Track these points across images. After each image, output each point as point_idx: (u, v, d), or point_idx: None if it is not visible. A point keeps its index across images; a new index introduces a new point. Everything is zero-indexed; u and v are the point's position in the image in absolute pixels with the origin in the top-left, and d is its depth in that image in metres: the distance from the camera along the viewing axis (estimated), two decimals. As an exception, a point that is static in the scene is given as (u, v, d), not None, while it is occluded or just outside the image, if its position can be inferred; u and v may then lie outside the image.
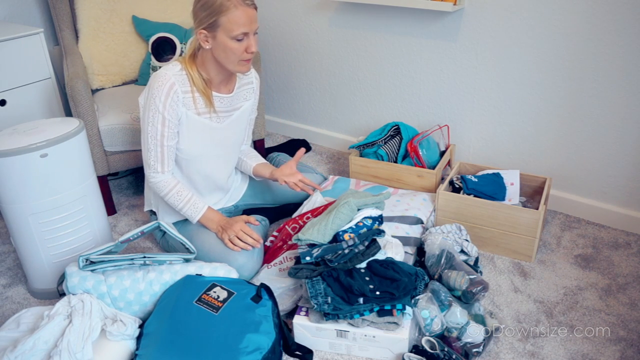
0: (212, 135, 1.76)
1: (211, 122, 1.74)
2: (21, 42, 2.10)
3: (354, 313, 1.48)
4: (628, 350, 1.54)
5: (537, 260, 1.91)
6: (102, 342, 1.42)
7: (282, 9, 2.64)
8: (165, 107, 1.61)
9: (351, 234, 1.63)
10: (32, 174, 1.57)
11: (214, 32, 1.56)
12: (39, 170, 1.57)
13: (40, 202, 1.61)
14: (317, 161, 2.65)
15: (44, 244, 1.67)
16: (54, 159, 1.59)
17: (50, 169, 1.59)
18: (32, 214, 1.61)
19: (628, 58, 1.85)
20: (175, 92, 1.61)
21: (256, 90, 1.89)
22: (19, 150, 1.53)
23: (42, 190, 1.60)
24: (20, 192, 1.58)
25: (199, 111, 1.69)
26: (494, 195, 1.94)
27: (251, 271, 1.72)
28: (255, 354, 1.37)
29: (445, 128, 2.33)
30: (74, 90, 2.03)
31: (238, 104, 1.81)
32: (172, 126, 1.66)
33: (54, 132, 1.62)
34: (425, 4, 2.05)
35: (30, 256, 1.69)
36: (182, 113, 1.67)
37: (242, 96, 1.83)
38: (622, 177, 2.02)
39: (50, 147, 1.57)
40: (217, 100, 1.73)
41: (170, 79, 1.61)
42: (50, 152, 1.57)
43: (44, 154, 1.56)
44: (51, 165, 1.59)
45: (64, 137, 1.60)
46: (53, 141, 1.58)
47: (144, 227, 1.64)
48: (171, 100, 1.62)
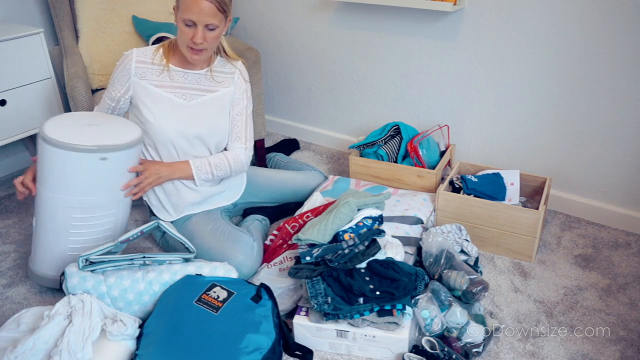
0: (180, 112, 1.76)
1: (174, 96, 1.75)
2: (21, 42, 2.10)
3: (354, 313, 1.48)
4: (628, 350, 1.54)
5: (537, 260, 1.91)
6: (102, 342, 1.42)
7: (282, 9, 2.64)
8: (116, 70, 1.75)
9: (351, 234, 1.63)
10: (85, 172, 1.55)
11: (177, 10, 1.65)
12: (93, 170, 1.55)
13: (81, 199, 1.58)
14: (317, 161, 2.65)
15: (67, 236, 1.64)
16: (110, 164, 1.57)
17: (104, 172, 1.57)
18: (68, 207, 1.59)
19: (628, 58, 1.85)
20: (129, 60, 1.72)
21: (237, 83, 1.84)
22: (83, 148, 1.51)
23: (88, 189, 1.58)
24: (66, 185, 1.56)
25: (155, 83, 1.74)
26: (494, 195, 1.94)
27: (250, 269, 1.73)
28: (255, 354, 1.37)
29: (445, 128, 2.33)
30: (74, 90, 2.03)
31: (211, 87, 1.81)
32: (116, 89, 1.75)
33: (120, 136, 1.60)
34: (425, 4, 2.05)
35: (49, 242, 1.67)
36: (134, 83, 1.73)
37: (218, 80, 1.82)
38: (622, 177, 2.02)
39: (112, 153, 1.55)
40: (180, 75, 1.77)
41: (132, 52, 1.74)
42: (111, 157, 1.56)
43: (104, 157, 1.54)
44: (106, 168, 1.57)
45: (126, 145, 1.58)
46: (116, 147, 1.56)
47: (143, 227, 1.64)
48: (122, 67, 1.73)
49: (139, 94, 1.74)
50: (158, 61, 1.75)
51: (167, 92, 1.75)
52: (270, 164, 2.46)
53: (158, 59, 1.75)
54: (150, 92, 1.74)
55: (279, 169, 2.35)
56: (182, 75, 1.77)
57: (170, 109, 1.75)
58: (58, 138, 1.52)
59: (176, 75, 1.76)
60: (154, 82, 1.74)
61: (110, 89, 1.77)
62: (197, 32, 1.62)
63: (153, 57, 1.75)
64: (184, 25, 1.63)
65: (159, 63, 1.75)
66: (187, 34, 1.63)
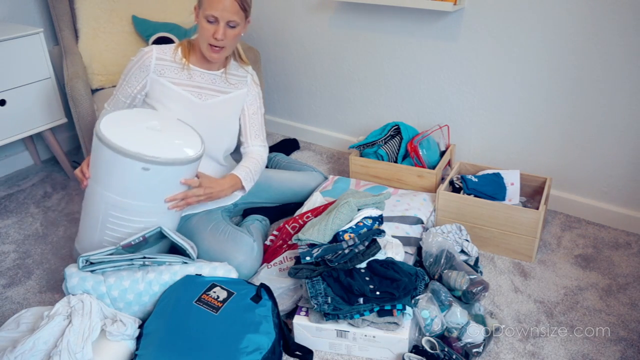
0: (194, 111, 1.77)
1: (191, 95, 1.76)
2: (21, 42, 2.10)
3: (354, 313, 1.48)
4: (628, 351, 1.54)
5: (537, 260, 1.91)
6: (102, 342, 1.42)
7: (282, 9, 2.64)
8: (132, 66, 1.74)
9: (351, 234, 1.62)
10: (127, 177, 1.52)
11: (200, 8, 1.67)
12: (135, 177, 1.52)
13: (121, 200, 1.56)
14: (317, 161, 2.65)
15: (104, 229, 1.62)
16: (154, 175, 1.52)
17: (146, 181, 1.53)
18: (108, 203, 1.57)
19: (628, 58, 1.85)
20: (149, 57, 1.72)
21: (250, 86, 1.89)
22: (127, 153, 1.48)
23: (128, 193, 1.55)
24: (109, 182, 1.54)
25: (174, 81, 1.74)
26: (494, 195, 1.94)
27: (250, 269, 1.72)
28: (255, 354, 1.36)
29: (445, 128, 2.33)
30: (74, 90, 2.03)
31: (226, 89, 1.83)
32: (131, 85, 1.75)
33: (174, 149, 1.54)
34: (425, 4, 2.05)
35: (89, 227, 1.66)
36: (153, 79, 1.73)
37: (231, 83, 1.85)
38: (622, 177, 2.02)
39: (155, 165, 1.50)
40: (198, 75, 1.78)
41: (152, 48, 1.74)
42: (154, 169, 1.51)
43: (146, 168, 1.50)
44: (148, 178, 1.53)
45: (174, 161, 1.52)
46: (161, 161, 1.50)
47: (145, 231, 1.63)
48: (141, 63, 1.73)
49: (155, 90, 1.74)
50: (178, 59, 1.76)
51: (185, 90, 1.76)
52: (270, 164, 2.46)
53: (178, 57, 1.76)
54: (169, 89, 1.74)
55: (280, 169, 2.35)
56: (200, 75, 1.78)
57: (187, 108, 1.76)
58: (108, 135, 1.50)
59: (194, 74, 1.78)
60: (172, 80, 1.75)
61: (124, 86, 1.76)
62: (218, 28, 1.64)
63: (174, 55, 1.76)
64: (205, 22, 1.65)
65: (179, 61, 1.76)
66: (209, 30, 1.65)
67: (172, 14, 2.46)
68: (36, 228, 2.16)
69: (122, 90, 1.77)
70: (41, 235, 2.12)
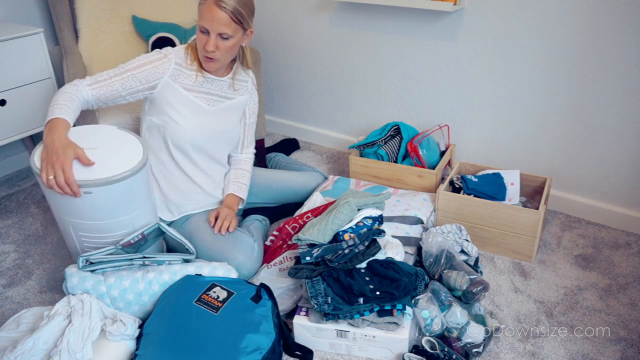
0: (204, 119, 1.77)
1: (201, 102, 1.76)
2: (21, 42, 2.10)
3: (354, 313, 1.48)
4: (628, 351, 1.54)
5: (537, 260, 1.91)
6: (102, 342, 1.42)
7: (282, 9, 2.64)
8: (147, 64, 1.68)
9: (351, 234, 1.62)
10: (77, 202, 1.48)
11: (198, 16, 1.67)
12: (83, 201, 1.49)
13: (81, 222, 1.54)
14: (317, 161, 2.65)
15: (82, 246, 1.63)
16: (99, 195, 1.48)
17: (97, 203, 1.50)
18: (75, 227, 1.56)
19: (628, 58, 1.85)
20: (169, 61, 1.70)
21: (251, 91, 1.91)
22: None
23: (85, 215, 1.52)
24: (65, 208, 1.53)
25: (186, 87, 1.74)
26: (494, 195, 1.94)
27: (250, 270, 1.72)
28: (255, 354, 1.36)
29: (445, 128, 2.33)
30: (74, 90, 2.02)
31: (230, 94, 1.84)
32: (139, 82, 1.67)
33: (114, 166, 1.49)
34: (425, 4, 2.05)
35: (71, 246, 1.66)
36: (166, 83, 1.71)
37: (235, 88, 1.85)
38: (622, 177, 2.02)
39: (95, 187, 1.46)
40: (209, 81, 1.78)
41: (171, 51, 1.73)
42: (95, 190, 1.47)
43: (89, 191, 1.47)
44: (90, 202, 1.50)
45: (108, 180, 1.46)
46: (98, 182, 1.46)
47: (144, 229, 1.63)
48: (159, 64, 1.69)
49: (166, 94, 1.72)
50: (190, 64, 1.75)
51: (196, 96, 1.76)
52: (270, 164, 2.46)
53: (190, 62, 1.75)
54: (181, 94, 1.73)
55: (280, 169, 2.35)
56: (210, 82, 1.78)
57: (197, 114, 1.76)
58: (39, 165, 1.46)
59: (206, 81, 1.77)
60: (185, 86, 1.74)
61: (129, 79, 1.66)
62: (209, 39, 1.63)
63: (187, 61, 1.74)
64: (199, 32, 1.65)
65: (191, 67, 1.75)
66: (202, 41, 1.65)
67: (172, 14, 2.46)
68: (36, 228, 2.16)
69: (122, 82, 1.66)
70: (41, 235, 2.12)
